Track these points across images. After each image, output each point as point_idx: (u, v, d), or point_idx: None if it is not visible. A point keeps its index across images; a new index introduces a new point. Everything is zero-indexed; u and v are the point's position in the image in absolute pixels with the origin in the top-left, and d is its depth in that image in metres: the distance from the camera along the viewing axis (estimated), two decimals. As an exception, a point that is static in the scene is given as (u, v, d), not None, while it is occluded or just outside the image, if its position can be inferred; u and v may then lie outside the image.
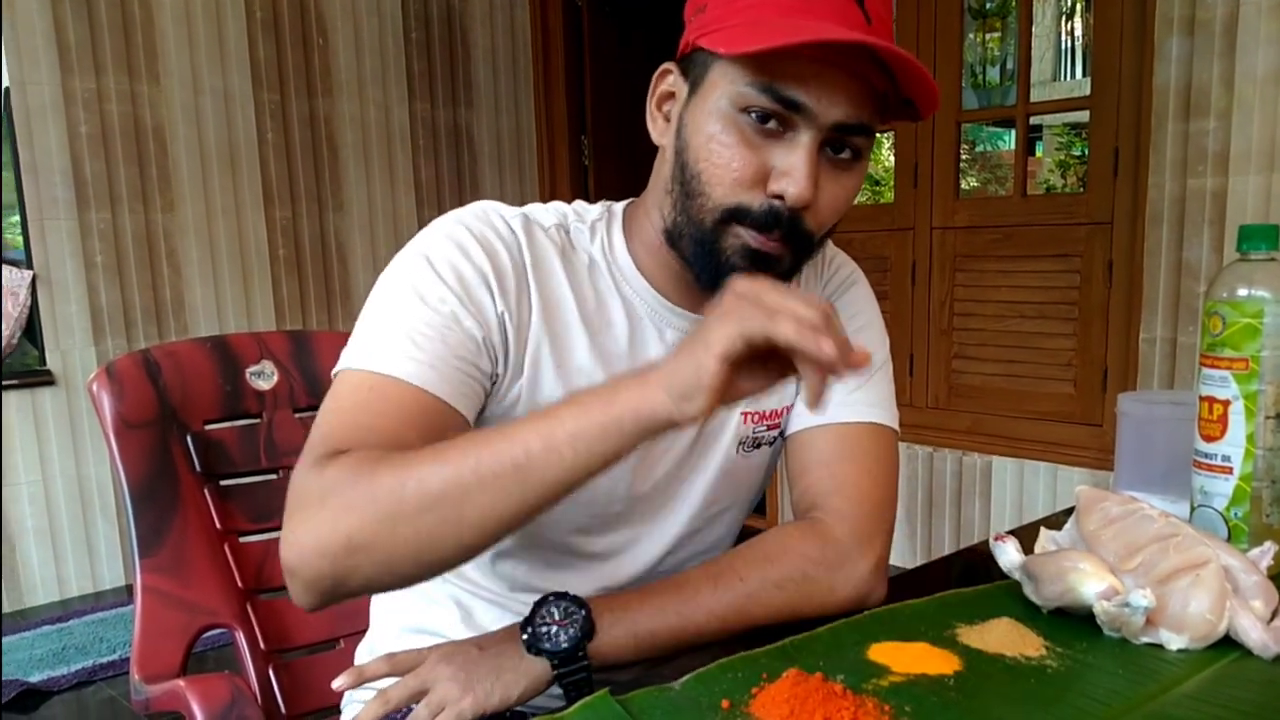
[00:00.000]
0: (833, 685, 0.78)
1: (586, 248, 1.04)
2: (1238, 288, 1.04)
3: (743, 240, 0.94)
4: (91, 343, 3.61)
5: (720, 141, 0.92)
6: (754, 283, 0.75)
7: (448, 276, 0.94)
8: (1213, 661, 0.86)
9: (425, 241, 0.97)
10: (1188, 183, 2.88)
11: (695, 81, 0.95)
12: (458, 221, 0.98)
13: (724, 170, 0.92)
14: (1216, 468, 1.06)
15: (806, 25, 0.87)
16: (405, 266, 0.96)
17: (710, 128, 0.93)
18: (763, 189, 0.93)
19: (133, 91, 3.64)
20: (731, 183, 0.92)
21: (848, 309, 1.15)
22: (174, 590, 1.23)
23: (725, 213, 0.94)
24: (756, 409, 1.10)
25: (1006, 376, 3.47)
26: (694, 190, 0.95)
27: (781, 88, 0.89)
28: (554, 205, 1.07)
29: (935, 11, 3.49)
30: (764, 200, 0.93)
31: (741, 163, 0.92)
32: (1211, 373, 1.06)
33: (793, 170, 0.90)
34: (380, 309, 0.94)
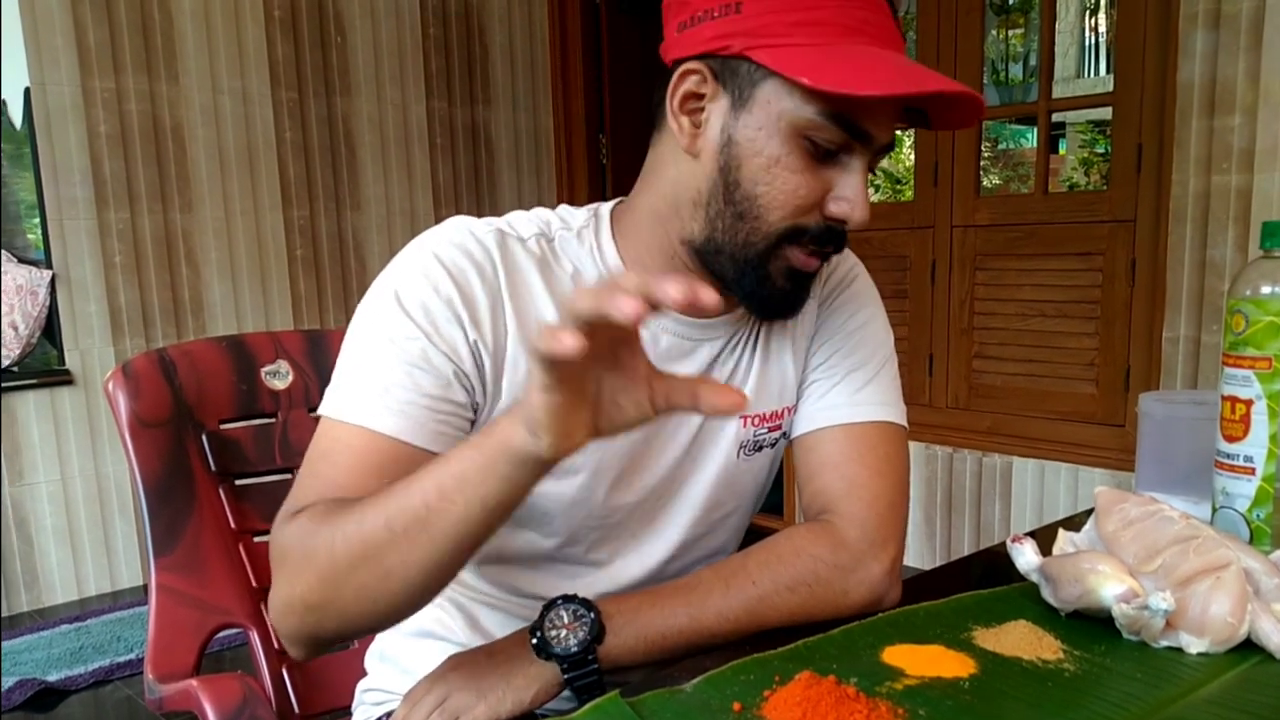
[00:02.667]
0: (846, 688, 0.77)
1: (574, 256, 1.02)
2: (1261, 285, 1.02)
3: (790, 262, 0.95)
4: (110, 342, 3.63)
5: (786, 166, 0.91)
6: None
7: (416, 314, 0.92)
8: (1233, 665, 0.85)
9: (395, 276, 0.95)
10: (1212, 180, 2.86)
11: (740, 93, 0.92)
12: (429, 250, 0.95)
13: (788, 196, 0.92)
14: (1239, 468, 1.05)
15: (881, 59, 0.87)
16: (375, 306, 0.94)
17: (771, 150, 0.91)
18: (819, 211, 0.93)
19: (152, 92, 3.66)
20: (793, 208, 0.92)
21: (850, 305, 1.14)
22: (188, 589, 1.23)
23: (781, 236, 0.93)
24: (756, 411, 1.09)
25: (1027, 376, 3.45)
26: (748, 212, 0.93)
27: (852, 119, 0.89)
28: (536, 213, 1.04)
29: (956, 8, 3.47)
30: (820, 221, 0.93)
31: (807, 190, 0.92)
32: (1234, 372, 1.04)
33: (854, 196, 0.92)
34: (353, 353, 0.94)
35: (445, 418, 0.92)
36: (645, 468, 1.05)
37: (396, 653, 1.15)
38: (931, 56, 3.54)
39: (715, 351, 1.06)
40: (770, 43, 0.88)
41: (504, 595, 1.08)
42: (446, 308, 0.93)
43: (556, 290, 0.99)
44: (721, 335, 1.06)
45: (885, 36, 0.90)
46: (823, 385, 1.10)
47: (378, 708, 1.16)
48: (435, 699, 0.90)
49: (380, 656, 1.17)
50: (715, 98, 0.93)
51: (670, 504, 1.08)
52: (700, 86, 0.93)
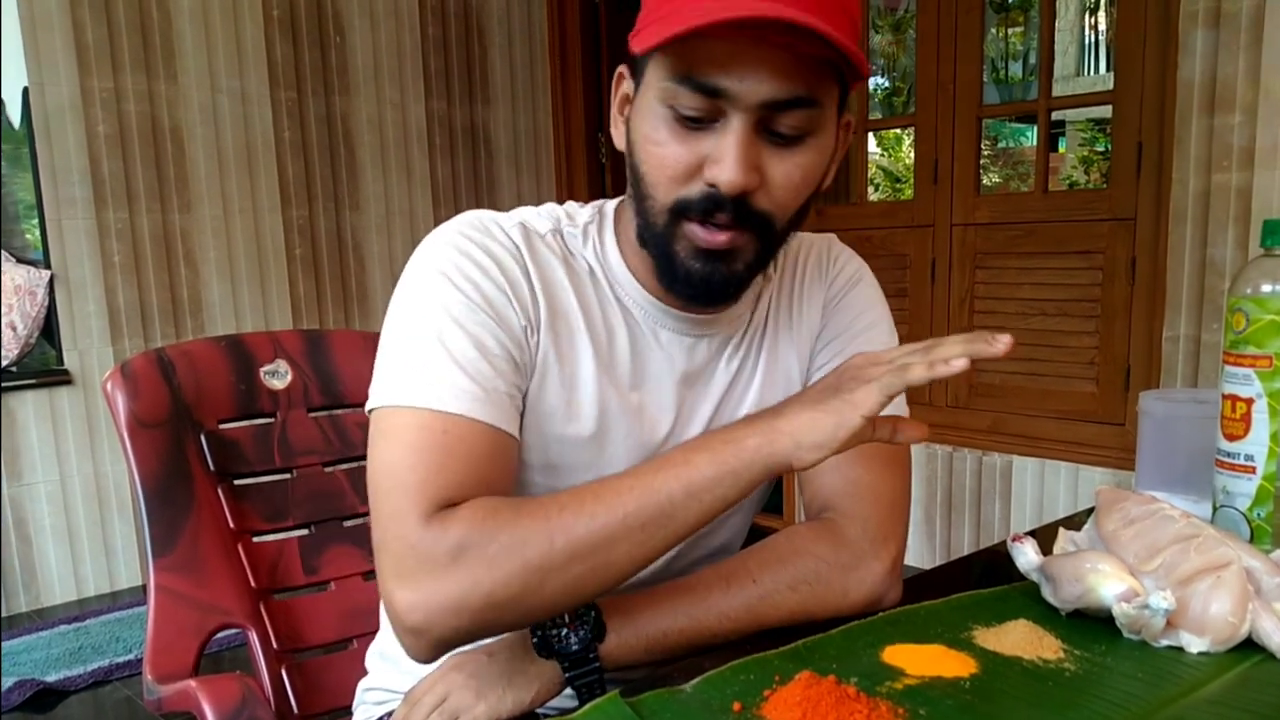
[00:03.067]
0: (846, 688, 0.77)
1: (582, 253, 1.02)
2: (1262, 284, 1.02)
3: (691, 240, 0.93)
4: (109, 342, 3.63)
5: (653, 140, 0.91)
6: (866, 354, 0.86)
7: (473, 295, 0.92)
8: (1234, 665, 0.85)
9: (437, 258, 0.94)
10: (1212, 178, 2.85)
11: (637, 83, 0.93)
12: (461, 235, 0.96)
13: (659, 169, 0.91)
14: (1239, 467, 1.05)
15: (711, 6, 0.82)
16: (427, 287, 0.93)
17: (645, 127, 0.91)
18: (701, 180, 0.90)
19: (150, 91, 3.65)
20: (668, 180, 0.91)
21: (853, 307, 1.13)
22: (187, 590, 1.23)
23: (671, 211, 0.92)
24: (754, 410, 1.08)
25: (1027, 375, 3.45)
26: (643, 192, 0.94)
27: (699, 76, 0.86)
28: (546, 209, 1.04)
29: (956, 6, 3.47)
30: (701, 190, 0.90)
31: (674, 158, 0.90)
32: (1235, 370, 1.04)
33: (723, 157, 0.87)
34: (417, 335, 0.91)
35: (517, 400, 0.94)
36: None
37: (397, 652, 1.14)
38: (931, 54, 3.54)
39: (716, 347, 1.06)
40: (641, 26, 0.89)
41: None
42: (498, 289, 0.93)
43: (579, 285, 0.99)
44: (720, 331, 1.05)
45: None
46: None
47: (379, 707, 1.16)
48: (435, 698, 0.90)
49: (381, 655, 1.17)
50: (633, 95, 0.95)
51: None
52: (628, 89, 0.96)
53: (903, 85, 3.88)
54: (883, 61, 4.06)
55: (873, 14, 3.87)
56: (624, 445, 1.02)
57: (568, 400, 0.98)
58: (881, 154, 9.20)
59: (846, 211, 3.95)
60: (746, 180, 0.88)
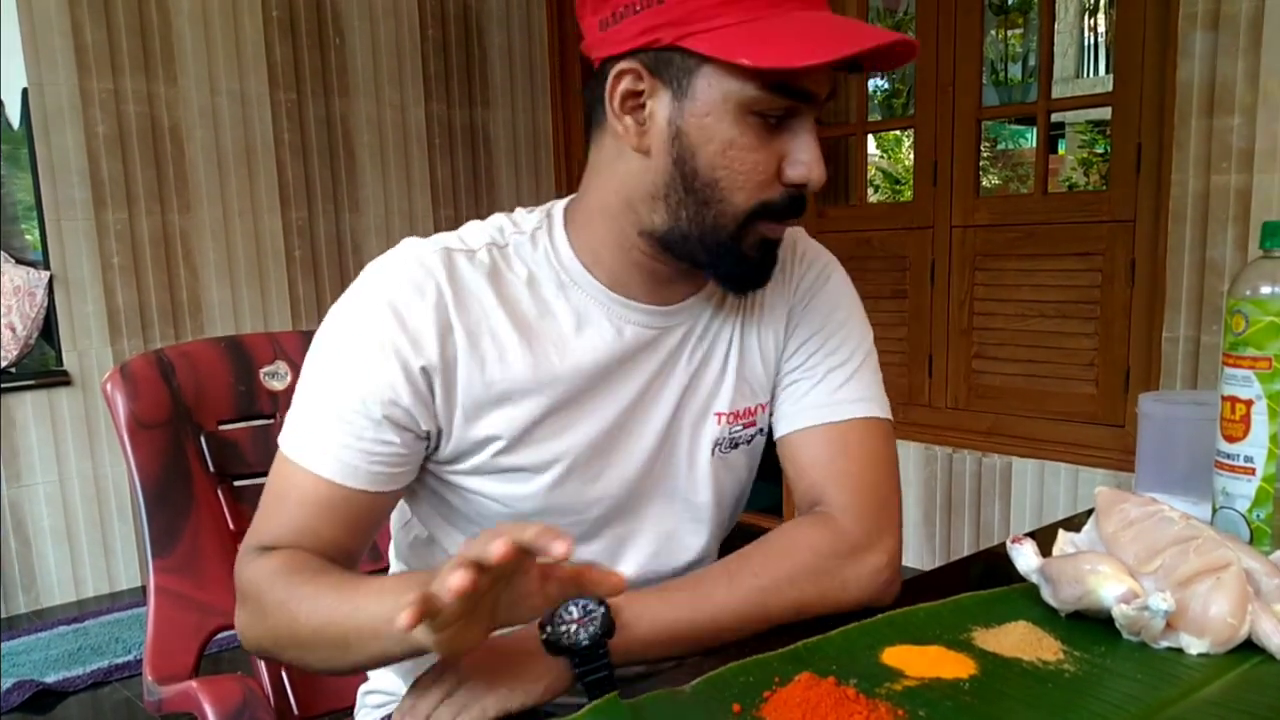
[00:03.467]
0: (845, 689, 0.77)
1: (528, 260, 1.01)
2: (1261, 285, 1.02)
3: (762, 234, 0.96)
4: (108, 343, 3.63)
5: (741, 146, 0.91)
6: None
7: (369, 356, 0.94)
8: (1234, 666, 0.85)
9: (341, 317, 0.97)
10: (1211, 180, 2.85)
11: (679, 83, 0.91)
12: (373, 286, 0.97)
13: (748, 175, 0.92)
14: (1239, 469, 1.05)
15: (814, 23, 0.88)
16: (323, 346, 0.98)
17: (724, 133, 0.91)
18: (779, 180, 0.93)
19: (150, 92, 3.65)
20: (755, 184, 0.93)
21: (826, 303, 1.12)
22: (187, 591, 1.23)
23: (749, 214, 0.94)
24: (730, 409, 1.09)
25: (1027, 377, 3.44)
26: (712, 198, 0.93)
27: (795, 85, 0.89)
28: (491, 221, 1.04)
29: (955, 8, 3.47)
30: (783, 192, 0.94)
31: (764, 164, 0.92)
32: (1234, 372, 1.04)
33: (810, 158, 0.92)
34: (308, 390, 0.98)
35: (393, 458, 0.96)
36: (617, 465, 1.05)
37: None
38: (931, 56, 3.54)
39: (678, 340, 1.06)
40: (701, 28, 0.87)
41: None
42: (381, 350, 0.94)
43: (509, 298, 0.99)
44: (684, 322, 1.06)
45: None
46: (803, 385, 1.10)
47: (379, 710, 1.16)
48: (443, 690, 0.90)
49: None
50: (655, 93, 0.92)
51: (647, 502, 1.08)
52: (638, 84, 0.93)
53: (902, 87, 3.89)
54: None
55: (872, 15, 3.87)
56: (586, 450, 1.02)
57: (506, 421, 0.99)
58: (881, 155, 9.21)
59: (846, 213, 3.95)
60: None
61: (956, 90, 3.51)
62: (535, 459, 1.00)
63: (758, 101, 0.89)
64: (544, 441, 1.00)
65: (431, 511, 1.08)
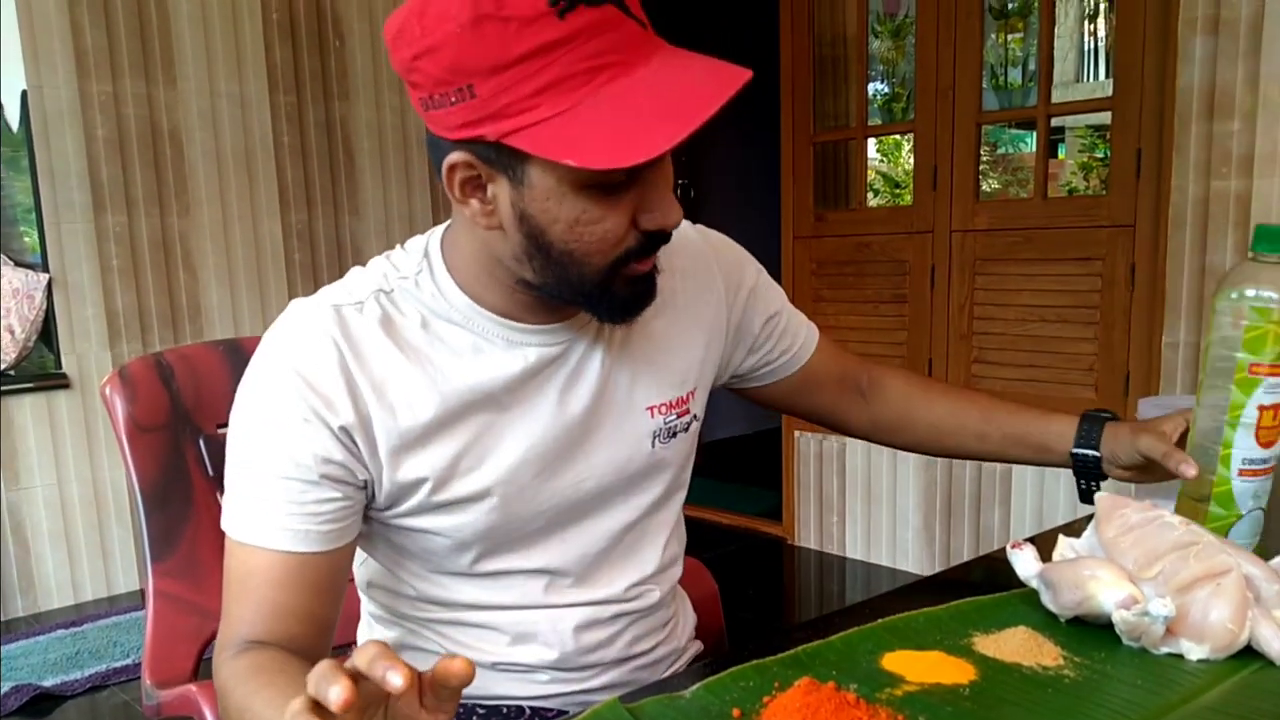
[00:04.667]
0: (845, 694, 0.77)
1: (415, 302, 1.00)
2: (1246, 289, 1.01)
3: (629, 275, 0.95)
4: (107, 346, 3.63)
5: (586, 220, 0.89)
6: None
7: (272, 433, 0.94)
8: (1234, 672, 0.85)
9: (249, 396, 0.97)
10: (1211, 185, 2.86)
11: (513, 173, 0.88)
12: (272, 359, 0.97)
13: (600, 242, 0.90)
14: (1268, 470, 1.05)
15: (637, 105, 0.83)
16: (239, 426, 0.97)
17: (568, 213, 0.89)
18: (636, 229, 0.92)
19: (149, 95, 3.66)
20: (611, 246, 0.91)
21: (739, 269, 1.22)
22: (186, 594, 1.23)
23: (610, 269, 0.93)
24: (660, 400, 1.10)
25: (1027, 381, 3.44)
26: (570, 263, 0.92)
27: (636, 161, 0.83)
28: (372, 266, 1.03)
29: (955, 12, 3.47)
30: (641, 239, 0.92)
31: (613, 225, 0.90)
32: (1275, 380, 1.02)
33: (657, 205, 0.91)
34: (239, 471, 0.97)
35: (328, 517, 0.95)
36: (554, 477, 1.04)
37: None
38: (931, 60, 3.54)
39: (585, 346, 1.05)
40: (520, 124, 0.84)
41: (459, 611, 1.08)
42: (302, 418, 0.93)
43: (405, 343, 0.98)
44: (587, 333, 1.05)
45: (629, 48, 0.84)
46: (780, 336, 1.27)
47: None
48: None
49: None
50: (493, 179, 0.90)
51: (597, 501, 1.08)
52: (473, 173, 0.91)
53: (902, 91, 3.89)
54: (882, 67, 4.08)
55: (872, 19, 3.87)
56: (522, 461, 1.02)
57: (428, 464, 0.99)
58: (881, 159, 9.20)
59: (846, 217, 3.95)
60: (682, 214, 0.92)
61: (956, 94, 3.51)
62: (466, 490, 1.00)
63: (594, 178, 0.87)
64: (471, 472, 1.00)
65: (384, 552, 1.08)
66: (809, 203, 3.97)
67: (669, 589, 1.18)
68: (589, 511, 1.08)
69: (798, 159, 3.98)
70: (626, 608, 1.12)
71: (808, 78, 3.94)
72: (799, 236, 4.00)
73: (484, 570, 1.05)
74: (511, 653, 1.08)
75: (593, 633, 1.10)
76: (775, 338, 1.26)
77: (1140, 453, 1.10)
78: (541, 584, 1.07)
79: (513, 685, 1.09)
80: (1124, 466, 1.14)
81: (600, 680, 1.11)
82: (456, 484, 1.00)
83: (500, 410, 1.01)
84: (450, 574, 1.06)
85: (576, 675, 1.10)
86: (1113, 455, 1.15)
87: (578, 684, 1.11)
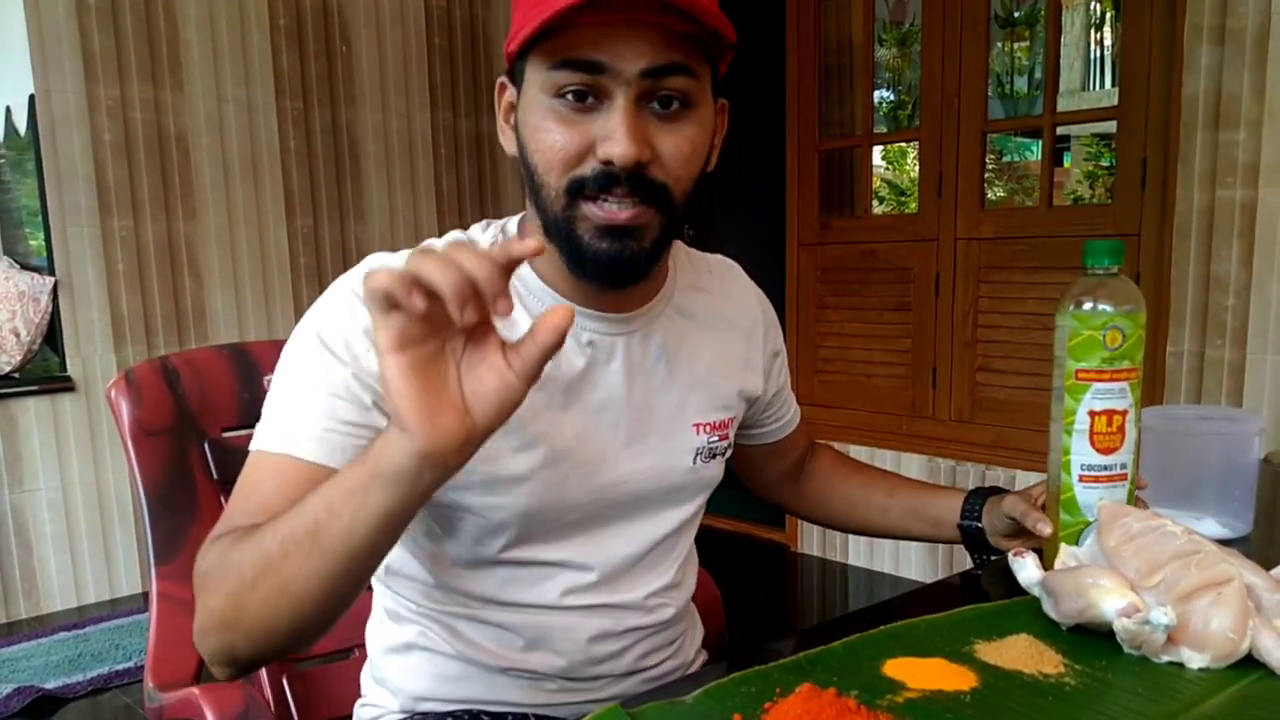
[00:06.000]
0: (846, 701, 0.77)
1: None
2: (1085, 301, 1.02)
3: (592, 220, 0.95)
4: (112, 349, 3.63)
5: (543, 128, 0.94)
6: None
7: (337, 347, 0.94)
8: (1234, 681, 0.85)
9: (316, 317, 0.97)
10: (1216, 194, 2.86)
11: (519, 86, 0.97)
12: (347, 286, 0.98)
13: (552, 152, 0.94)
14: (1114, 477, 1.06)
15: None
16: (298, 347, 0.97)
17: (533, 119, 0.95)
18: (593, 160, 0.94)
19: (156, 100, 3.66)
20: (561, 163, 0.94)
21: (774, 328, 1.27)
22: (189, 597, 1.21)
23: (566, 193, 0.95)
24: (706, 420, 1.13)
25: (1031, 390, 3.44)
26: (537, 183, 0.96)
27: (576, 54, 0.90)
28: (448, 237, 1.05)
29: (961, 21, 3.48)
30: (595, 168, 0.93)
31: (565, 139, 0.93)
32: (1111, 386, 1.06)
33: (612, 133, 0.91)
34: (278, 391, 0.96)
35: (366, 443, 0.92)
36: (602, 470, 1.05)
37: (386, 673, 1.15)
38: (936, 68, 3.55)
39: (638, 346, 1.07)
40: (514, 31, 0.94)
41: (472, 605, 1.08)
42: (366, 337, 0.93)
43: None
44: (640, 329, 1.07)
45: None
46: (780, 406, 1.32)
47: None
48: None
49: (374, 680, 1.17)
50: (516, 99, 0.99)
51: (632, 508, 1.09)
52: (510, 96, 1.01)
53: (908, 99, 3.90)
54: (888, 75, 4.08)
55: (878, 27, 3.88)
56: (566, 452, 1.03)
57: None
58: (886, 167, 9.21)
59: (850, 224, 3.96)
60: (639, 151, 0.91)
61: (962, 102, 3.51)
62: (510, 470, 1.00)
63: (550, 82, 0.92)
64: (517, 453, 1.00)
65: (416, 532, 1.08)
66: (814, 210, 3.97)
67: (683, 605, 1.19)
68: (623, 516, 1.09)
69: (803, 166, 3.98)
70: (642, 620, 1.12)
71: (813, 85, 3.95)
72: (804, 243, 4.00)
73: (511, 558, 1.05)
74: (524, 658, 1.08)
75: (605, 644, 1.10)
76: (776, 406, 1.31)
77: (1006, 515, 1.15)
78: (562, 585, 1.07)
79: (521, 692, 1.10)
80: (1004, 534, 1.19)
81: (607, 692, 1.11)
82: (501, 462, 1.00)
83: (555, 396, 1.02)
84: (476, 563, 1.06)
85: (585, 685, 1.11)
86: (992, 526, 1.20)
87: (585, 694, 1.11)
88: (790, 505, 1.43)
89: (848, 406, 3.94)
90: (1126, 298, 1.05)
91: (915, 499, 1.30)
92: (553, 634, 1.08)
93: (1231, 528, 1.24)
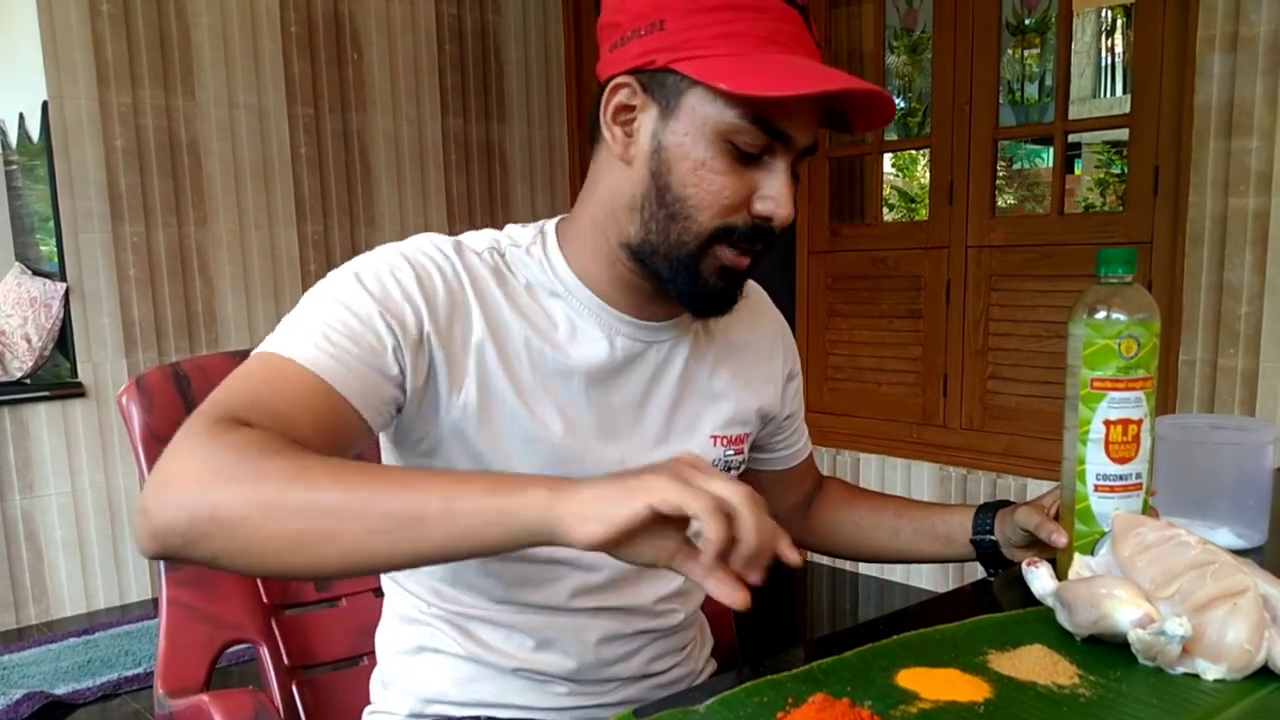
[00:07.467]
0: (860, 711, 0.77)
1: (524, 271, 1.06)
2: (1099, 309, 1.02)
3: (721, 261, 1.00)
4: (123, 355, 3.64)
5: (711, 168, 0.96)
6: (699, 460, 0.77)
7: (371, 286, 0.95)
8: (1250, 692, 0.84)
9: (357, 262, 0.99)
10: (1229, 202, 2.85)
11: (667, 103, 0.97)
12: (394, 248, 1.01)
13: (715, 196, 0.97)
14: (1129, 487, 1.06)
15: (796, 65, 0.94)
16: (334, 278, 0.98)
17: (698, 154, 0.96)
18: (747, 210, 0.98)
19: (168, 106, 3.68)
20: (721, 208, 0.97)
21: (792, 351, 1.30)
22: (199, 604, 1.23)
23: (711, 235, 0.98)
24: (723, 433, 1.15)
25: (1042, 398, 3.43)
26: (679, 213, 0.98)
27: (772, 122, 0.95)
28: (486, 232, 1.09)
29: (973, 28, 3.48)
30: (748, 220, 0.98)
31: (732, 190, 0.97)
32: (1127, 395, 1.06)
33: (778, 195, 0.97)
34: (301, 309, 0.95)
35: (378, 385, 0.93)
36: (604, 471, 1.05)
37: (395, 676, 1.15)
38: (947, 76, 3.54)
39: (664, 356, 1.11)
40: (692, 55, 0.94)
41: (483, 605, 1.09)
42: (402, 291, 0.96)
43: (512, 298, 1.03)
44: (669, 339, 1.11)
45: (799, 45, 0.96)
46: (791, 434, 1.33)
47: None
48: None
49: (383, 684, 1.17)
50: (645, 108, 0.99)
51: None
52: (630, 99, 0.99)
53: (918, 106, 3.89)
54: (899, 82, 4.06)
55: (889, 35, 3.87)
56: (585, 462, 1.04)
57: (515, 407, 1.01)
58: (896, 174, 9.21)
59: (861, 231, 3.95)
60: (792, 215, 0.98)
61: (973, 110, 3.51)
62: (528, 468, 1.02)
63: (734, 130, 0.95)
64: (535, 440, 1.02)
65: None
66: (824, 217, 3.97)
67: (692, 612, 1.20)
68: None
69: (813, 173, 3.98)
70: (650, 624, 1.13)
71: (824, 92, 3.94)
72: (814, 251, 4.00)
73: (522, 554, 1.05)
74: (534, 659, 1.08)
75: (613, 646, 1.11)
76: (787, 433, 1.32)
77: (1019, 527, 1.14)
78: (571, 585, 1.08)
79: (530, 695, 1.10)
80: (1017, 546, 1.18)
81: (616, 696, 1.12)
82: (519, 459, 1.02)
83: (577, 395, 1.05)
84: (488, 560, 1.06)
85: (594, 689, 1.11)
86: (1005, 538, 1.20)
87: (594, 698, 1.11)
88: (800, 538, 1.42)
89: (858, 414, 3.93)
90: (1141, 306, 1.05)
91: (925, 518, 1.30)
92: (562, 635, 1.08)
93: (1246, 538, 1.23)
